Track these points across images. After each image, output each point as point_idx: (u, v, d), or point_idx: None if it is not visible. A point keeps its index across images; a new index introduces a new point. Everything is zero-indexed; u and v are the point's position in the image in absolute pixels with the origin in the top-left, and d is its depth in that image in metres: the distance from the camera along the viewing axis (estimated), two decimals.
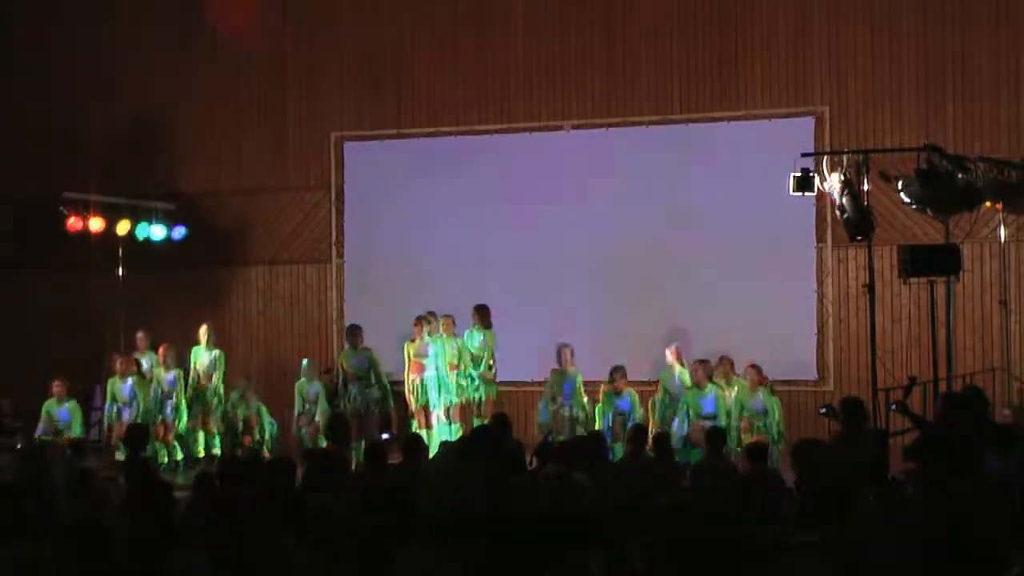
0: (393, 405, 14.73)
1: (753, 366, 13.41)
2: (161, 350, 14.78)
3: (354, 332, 14.71)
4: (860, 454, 9.13)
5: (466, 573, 6.15)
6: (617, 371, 13.67)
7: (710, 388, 13.33)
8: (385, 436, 13.88)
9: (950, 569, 6.14)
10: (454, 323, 14.55)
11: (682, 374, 13.73)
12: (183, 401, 14.71)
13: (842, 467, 8.57)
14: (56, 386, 14.53)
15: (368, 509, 6.70)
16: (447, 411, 14.46)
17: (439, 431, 14.24)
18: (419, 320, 14.72)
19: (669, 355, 13.92)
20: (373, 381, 14.48)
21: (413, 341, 14.76)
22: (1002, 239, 14.23)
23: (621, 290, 15.40)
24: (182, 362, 14.93)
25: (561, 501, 6.88)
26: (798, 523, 6.84)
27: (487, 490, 7.51)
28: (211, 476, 8.10)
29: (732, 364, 13.64)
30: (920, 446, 9.35)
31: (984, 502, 6.80)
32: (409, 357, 14.74)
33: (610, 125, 16.21)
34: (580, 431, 13.20)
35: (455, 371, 14.43)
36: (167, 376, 14.70)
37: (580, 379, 13.90)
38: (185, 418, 14.73)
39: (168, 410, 14.63)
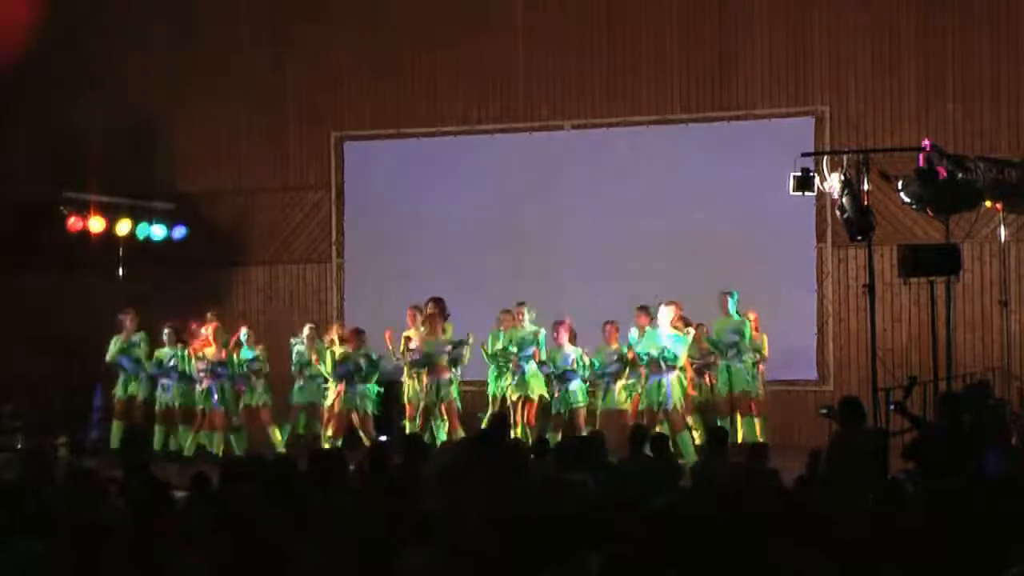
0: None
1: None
2: (212, 329, 14.77)
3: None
4: (859, 454, 9.13)
5: (465, 574, 6.16)
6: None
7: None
8: (383, 438, 13.84)
9: (950, 569, 6.13)
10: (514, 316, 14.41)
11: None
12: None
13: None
14: (129, 319, 15.01)
15: (367, 509, 6.70)
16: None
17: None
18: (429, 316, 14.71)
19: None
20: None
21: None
22: (1002, 239, 14.23)
23: (621, 289, 15.37)
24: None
25: (560, 501, 6.88)
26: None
27: (486, 490, 7.50)
28: (209, 476, 8.09)
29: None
30: (918, 446, 9.36)
31: (984, 501, 6.80)
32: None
33: (610, 125, 16.21)
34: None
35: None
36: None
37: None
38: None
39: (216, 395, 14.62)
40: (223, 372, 14.57)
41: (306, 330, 14.80)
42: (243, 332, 14.89)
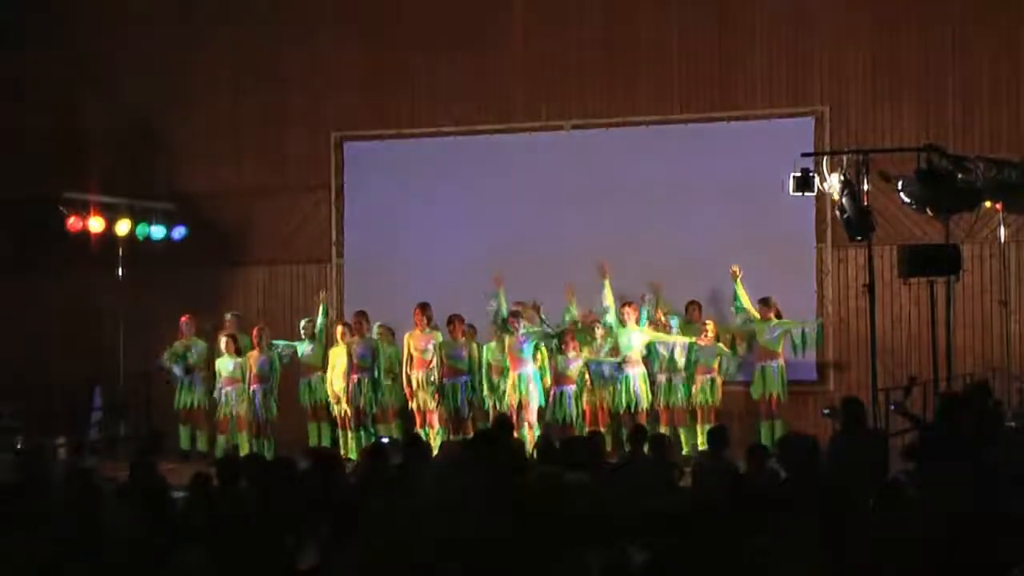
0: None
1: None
2: (256, 331, 14.94)
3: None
4: (859, 454, 9.13)
5: (466, 573, 6.16)
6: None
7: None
8: (384, 440, 13.82)
9: (950, 569, 6.13)
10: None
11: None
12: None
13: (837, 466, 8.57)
14: (187, 324, 15.48)
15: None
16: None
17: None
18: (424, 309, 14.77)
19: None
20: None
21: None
22: (1002, 239, 14.23)
23: (620, 290, 15.37)
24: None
25: (559, 501, 6.88)
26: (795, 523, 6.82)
27: (487, 491, 7.50)
28: (208, 476, 8.09)
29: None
30: (918, 446, 9.36)
31: (984, 500, 6.80)
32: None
33: (610, 125, 16.21)
34: None
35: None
36: (261, 359, 14.83)
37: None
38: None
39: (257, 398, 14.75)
40: (268, 377, 14.82)
41: (376, 329, 14.97)
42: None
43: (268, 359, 14.88)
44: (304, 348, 15.25)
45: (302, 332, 15.31)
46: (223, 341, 15.01)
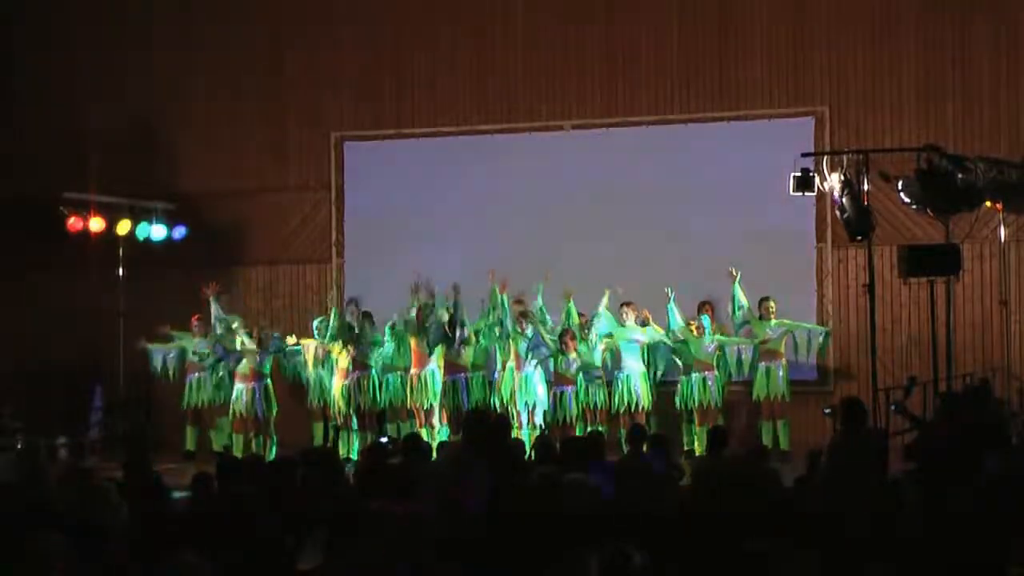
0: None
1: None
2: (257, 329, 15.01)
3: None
4: (859, 454, 9.13)
5: (465, 573, 6.16)
6: None
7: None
8: (384, 440, 13.81)
9: (950, 570, 6.13)
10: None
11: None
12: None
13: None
14: (196, 323, 15.38)
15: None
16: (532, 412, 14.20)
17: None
18: (420, 308, 14.77)
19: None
20: None
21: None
22: (1002, 239, 14.23)
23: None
24: None
25: (559, 501, 6.88)
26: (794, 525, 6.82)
27: (487, 490, 7.50)
28: (209, 476, 8.09)
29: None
30: (918, 446, 9.37)
31: (984, 501, 6.80)
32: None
33: (610, 125, 16.21)
34: None
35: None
36: (259, 357, 14.87)
37: None
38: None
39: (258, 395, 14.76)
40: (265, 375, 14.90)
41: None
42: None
43: (266, 357, 14.88)
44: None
45: (315, 332, 15.26)
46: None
